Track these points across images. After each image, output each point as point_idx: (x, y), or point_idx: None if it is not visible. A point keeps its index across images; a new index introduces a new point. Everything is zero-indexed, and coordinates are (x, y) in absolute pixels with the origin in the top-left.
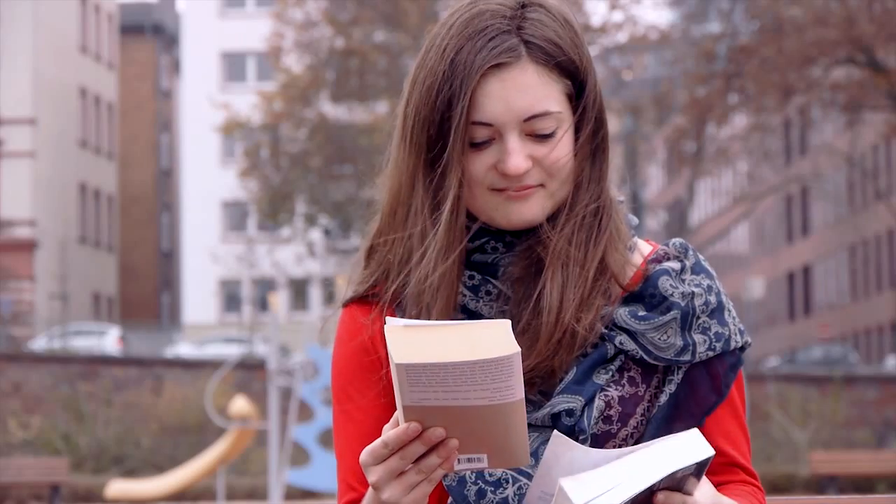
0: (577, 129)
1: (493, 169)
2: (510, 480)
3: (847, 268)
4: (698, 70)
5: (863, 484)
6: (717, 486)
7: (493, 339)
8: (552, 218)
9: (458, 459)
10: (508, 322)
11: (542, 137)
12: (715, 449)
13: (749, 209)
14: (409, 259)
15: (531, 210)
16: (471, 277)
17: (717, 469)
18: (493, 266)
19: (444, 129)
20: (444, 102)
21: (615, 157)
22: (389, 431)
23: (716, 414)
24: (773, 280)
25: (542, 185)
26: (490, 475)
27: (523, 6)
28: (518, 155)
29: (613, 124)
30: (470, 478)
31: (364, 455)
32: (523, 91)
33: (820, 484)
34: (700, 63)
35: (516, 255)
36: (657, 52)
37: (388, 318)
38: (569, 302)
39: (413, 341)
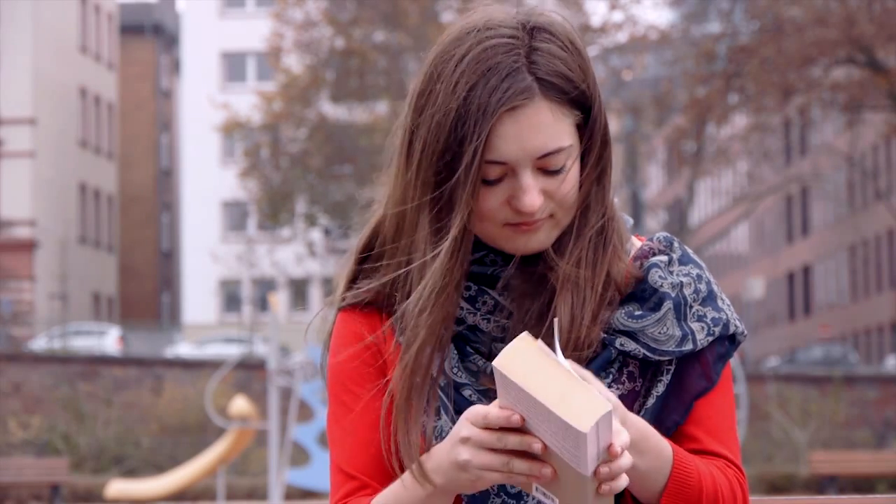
0: (584, 155)
1: (506, 204)
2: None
3: (847, 268)
4: (698, 70)
5: (863, 484)
6: None
7: (585, 405)
8: (560, 241)
9: (536, 487)
10: (611, 407)
11: (554, 172)
12: (693, 438)
13: (749, 209)
14: (406, 283)
15: (539, 240)
16: (467, 288)
17: (704, 458)
18: (491, 278)
19: (454, 167)
20: (457, 141)
21: (615, 158)
22: (496, 409)
23: (710, 406)
24: (773, 280)
25: (551, 216)
26: (511, 488)
27: (531, 34)
28: (532, 192)
29: (613, 124)
30: (493, 489)
31: (470, 411)
32: (538, 130)
33: (820, 484)
34: (700, 63)
35: (516, 268)
36: (657, 52)
37: (525, 333)
38: (579, 321)
39: (525, 359)
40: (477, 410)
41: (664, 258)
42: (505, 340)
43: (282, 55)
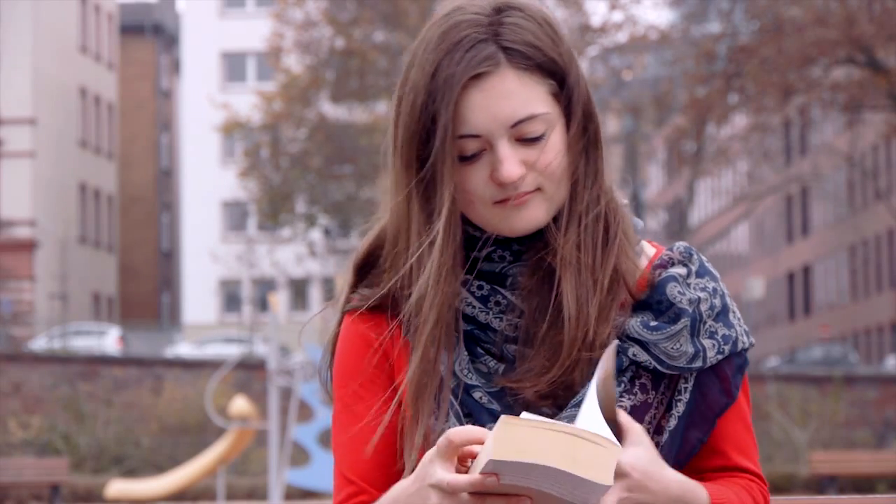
0: (567, 127)
1: (490, 181)
2: None
3: (847, 268)
4: (698, 70)
5: (863, 484)
6: (710, 480)
7: (596, 458)
8: (556, 221)
9: None
10: (620, 450)
11: (532, 141)
12: (721, 453)
13: (749, 209)
14: (409, 275)
15: (532, 215)
16: (479, 287)
17: (722, 473)
18: (501, 276)
19: (431, 146)
20: (429, 118)
21: (615, 157)
22: (462, 479)
23: (732, 418)
24: (773, 280)
25: (539, 189)
26: None
27: (499, 11)
28: (510, 161)
29: (613, 124)
30: None
31: (441, 481)
32: (506, 98)
33: (820, 484)
34: (700, 63)
35: (525, 265)
36: (657, 52)
37: (503, 416)
38: (586, 312)
39: (516, 437)
40: (446, 480)
41: (683, 270)
42: (517, 340)
43: (282, 55)
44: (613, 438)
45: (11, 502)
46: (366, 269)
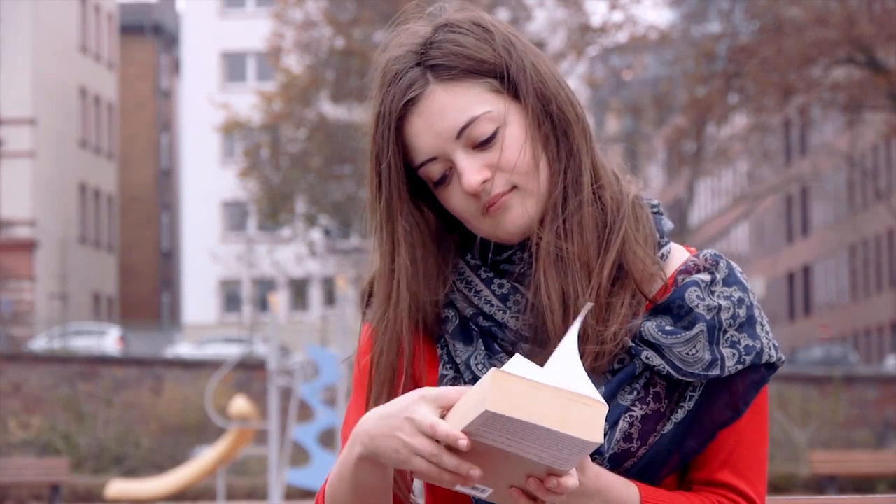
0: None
1: (466, 195)
2: None
3: (847, 268)
4: (698, 70)
5: (863, 484)
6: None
7: (586, 418)
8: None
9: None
10: (606, 407)
11: (487, 142)
12: (708, 467)
13: (749, 209)
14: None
15: (517, 214)
16: (500, 286)
17: (705, 487)
18: (521, 276)
19: (382, 182)
20: (376, 160)
21: (614, 158)
22: (444, 426)
23: (728, 433)
24: (773, 280)
25: (515, 188)
26: None
27: (435, 30)
28: (468, 171)
29: (613, 124)
30: None
31: (421, 421)
32: (442, 112)
33: (820, 484)
34: (700, 63)
35: (528, 265)
36: (657, 52)
37: (493, 370)
38: (573, 300)
39: (512, 392)
40: (430, 422)
41: (706, 277)
42: (528, 340)
43: (282, 55)
44: (599, 397)
45: (11, 502)
46: (369, 295)
